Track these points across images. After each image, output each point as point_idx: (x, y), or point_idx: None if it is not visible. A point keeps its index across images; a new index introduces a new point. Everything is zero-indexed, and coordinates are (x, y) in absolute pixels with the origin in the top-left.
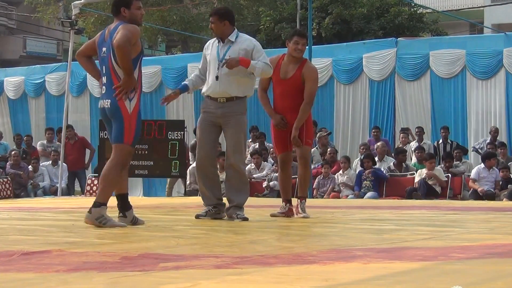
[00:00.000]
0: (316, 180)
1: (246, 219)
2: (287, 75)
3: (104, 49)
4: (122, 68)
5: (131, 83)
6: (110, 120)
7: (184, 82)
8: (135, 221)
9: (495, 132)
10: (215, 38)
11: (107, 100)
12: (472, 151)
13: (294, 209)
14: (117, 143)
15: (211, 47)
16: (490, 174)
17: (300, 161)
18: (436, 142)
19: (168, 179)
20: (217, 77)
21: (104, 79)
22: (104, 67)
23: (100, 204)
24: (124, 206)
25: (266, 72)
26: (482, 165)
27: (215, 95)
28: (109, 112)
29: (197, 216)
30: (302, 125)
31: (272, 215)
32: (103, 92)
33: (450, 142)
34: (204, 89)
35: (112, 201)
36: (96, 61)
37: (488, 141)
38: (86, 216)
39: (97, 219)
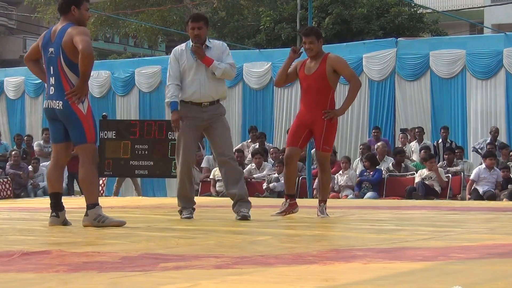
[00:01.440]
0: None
1: (246, 217)
2: (311, 71)
3: (51, 49)
4: (82, 74)
5: (85, 89)
6: (58, 120)
7: (173, 100)
8: (65, 223)
9: (495, 132)
10: (183, 45)
11: (58, 102)
12: (472, 151)
13: (316, 210)
14: (82, 143)
15: (185, 54)
16: (491, 175)
17: (319, 167)
18: (436, 142)
19: (117, 178)
20: (198, 82)
21: (52, 80)
22: (52, 67)
23: (94, 205)
24: (58, 205)
25: (228, 74)
26: (483, 165)
27: (199, 100)
28: (61, 114)
29: (187, 217)
30: (322, 130)
31: (273, 216)
32: (51, 92)
33: (449, 142)
34: (185, 95)
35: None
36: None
37: (488, 141)
38: (84, 220)
39: (95, 219)
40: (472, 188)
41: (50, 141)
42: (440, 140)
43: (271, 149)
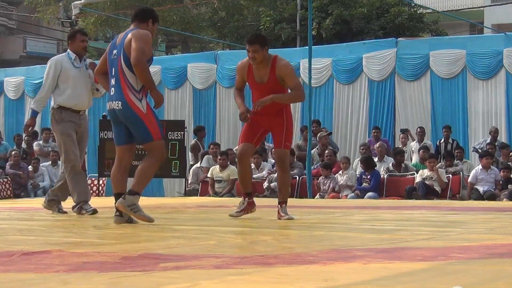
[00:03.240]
0: (317, 180)
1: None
2: (263, 79)
3: (114, 51)
4: (144, 83)
5: (158, 95)
6: (120, 121)
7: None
8: (130, 221)
9: (495, 133)
10: (63, 56)
11: (117, 102)
12: (472, 151)
13: (277, 214)
14: (148, 142)
15: (69, 65)
16: (489, 175)
17: (278, 164)
18: (438, 141)
19: None
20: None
21: (113, 81)
22: (113, 69)
23: (135, 192)
24: None
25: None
26: (480, 166)
27: (80, 108)
28: (120, 114)
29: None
30: (282, 128)
31: (231, 216)
32: (111, 93)
33: (451, 142)
34: (71, 102)
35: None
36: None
37: (488, 141)
38: (120, 201)
39: (129, 206)
40: (472, 188)
41: (115, 143)
42: (443, 140)
43: (272, 149)
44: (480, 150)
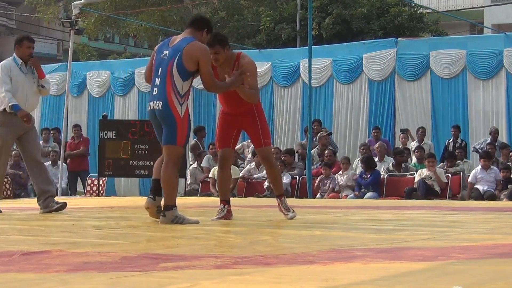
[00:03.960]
0: (317, 180)
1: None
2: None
3: (166, 52)
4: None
5: (235, 82)
6: (159, 122)
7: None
8: (159, 210)
9: (495, 133)
10: (10, 61)
11: (158, 102)
12: (473, 151)
13: (278, 208)
14: (170, 144)
15: (16, 69)
16: (488, 174)
17: (265, 163)
18: (447, 141)
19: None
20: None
21: (157, 81)
22: (160, 69)
23: (171, 206)
24: (157, 190)
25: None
26: (479, 166)
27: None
28: (159, 113)
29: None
30: (257, 126)
31: (212, 220)
32: (154, 93)
33: (460, 142)
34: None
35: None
36: None
37: (488, 141)
38: (162, 220)
39: (173, 220)
40: (472, 188)
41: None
42: (451, 139)
43: (272, 149)
44: (480, 150)
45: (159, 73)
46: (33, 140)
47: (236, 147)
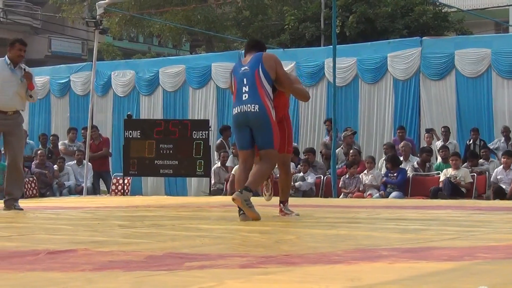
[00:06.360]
0: (342, 180)
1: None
2: None
3: (244, 68)
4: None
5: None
6: (246, 126)
7: None
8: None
9: (507, 132)
10: (1, 61)
11: (253, 105)
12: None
13: (279, 213)
14: (270, 148)
15: (4, 67)
16: (507, 175)
17: (282, 169)
18: (467, 141)
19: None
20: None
21: (245, 88)
22: (245, 79)
23: (250, 189)
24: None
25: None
26: (501, 166)
27: (8, 109)
28: (254, 116)
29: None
30: (284, 134)
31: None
32: (244, 99)
33: (479, 143)
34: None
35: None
36: None
37: (502, 140)
38: (237, 194)
39: (245, 200)
40: (495, 187)
41: (237, 148)
42: (471, 141)
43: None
44: (494, 150)
45: (245, 82)
46: (12, 143)
47: None
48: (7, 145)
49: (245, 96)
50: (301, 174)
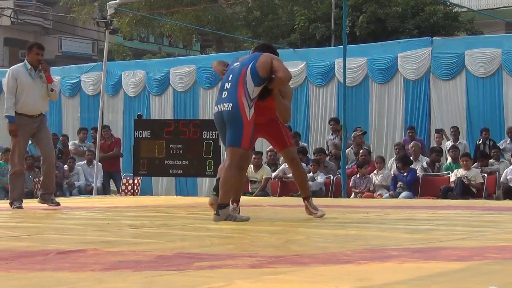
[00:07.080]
0: (352, 180)
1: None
2: None
3: (236, 64)
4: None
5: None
6: (225, 125)
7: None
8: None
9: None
10: (20, 66)
11: (228, 104)
12: None
13: (305, 211)
14: (234, 146)
15: (25, 74)
16: None
17: (292, 163)
18: (477, 141)
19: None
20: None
21: (227, 85)
22: (231, 75)
23: (225, 205)
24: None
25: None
26: (511, 166)
27: (33, 113)
28: (227, 114)
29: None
30: (280, 130)
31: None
32: (223, 96)
33: (488, 143)
34: (24, 108)
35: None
36: None
37: (508, 141)
38: (215, 218)
39: (226, 219)
40: (506, 186)
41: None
42: (480, 141)
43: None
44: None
45: (229, 79)
46: (43, 139)
47: (269, 148)
48: (37, 142)
49: (225, 94)
50: (311, 174)
